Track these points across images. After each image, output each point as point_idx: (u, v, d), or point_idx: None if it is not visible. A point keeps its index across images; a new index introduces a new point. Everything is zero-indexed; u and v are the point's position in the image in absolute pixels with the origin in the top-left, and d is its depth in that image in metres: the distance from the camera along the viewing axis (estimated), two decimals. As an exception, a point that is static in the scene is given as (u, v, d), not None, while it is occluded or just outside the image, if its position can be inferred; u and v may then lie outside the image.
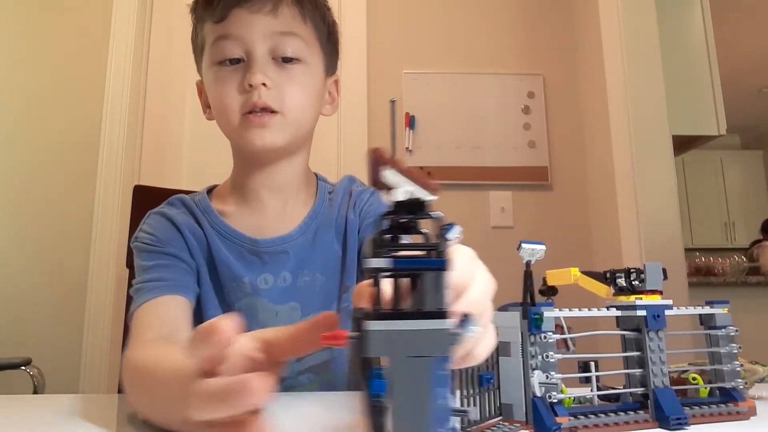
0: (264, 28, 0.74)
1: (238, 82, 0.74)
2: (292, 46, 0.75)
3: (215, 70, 0.76)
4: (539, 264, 0.48)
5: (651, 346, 0.47)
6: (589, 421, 0.45)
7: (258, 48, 0.74)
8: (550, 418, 0.42)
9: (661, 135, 1.85)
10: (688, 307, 0.51)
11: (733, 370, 0.51)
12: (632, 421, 0.46)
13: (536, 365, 0.44)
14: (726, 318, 0.52)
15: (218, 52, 0.75)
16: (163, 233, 0.79)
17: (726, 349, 0.51)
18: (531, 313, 0.44)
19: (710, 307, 0.52)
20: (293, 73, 0.76)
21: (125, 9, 2.12)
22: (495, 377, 0.45)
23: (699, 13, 2.27)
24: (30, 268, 1.97)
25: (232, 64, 0.75)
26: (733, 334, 0.52)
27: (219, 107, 0.77)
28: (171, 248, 0.77)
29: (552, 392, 0.44)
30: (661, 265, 0.49)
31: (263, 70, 0.73)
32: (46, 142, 2.07)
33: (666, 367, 0.47)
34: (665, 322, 0.47)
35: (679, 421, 0.45)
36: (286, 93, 0.75)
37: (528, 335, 0.44)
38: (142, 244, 0.78)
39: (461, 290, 0.33)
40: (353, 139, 2.08)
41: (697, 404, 0.49)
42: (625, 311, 0.48)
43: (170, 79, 2.14)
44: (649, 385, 0.46)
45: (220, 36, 0.75)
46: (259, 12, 0.73)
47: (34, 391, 1.42)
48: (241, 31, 0.73)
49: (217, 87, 0.76)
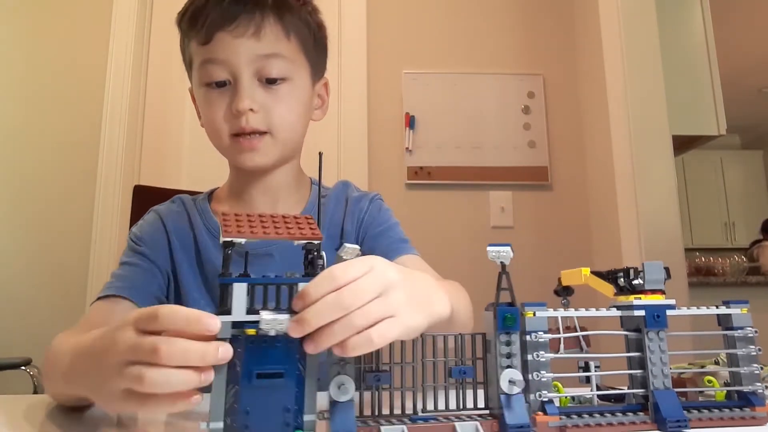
0: (248, 52, 0.75)
1: (226, 104, 0.77)
2: (277, 67, 0.77)
3: (204, 91, 0.79)
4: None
5: (651, 347, 0.46)
6: (582, 420, 0.44)
7: (243, 72, 0.75)
8: (512, 415, 0.43)
9: (661, 135, 1.85)
10: (700, 307, 0.48)
11: (752, 373, 0.48)
12: (628, 423, 0.45)
13: (508, 364, 0.44)
14: (744, 318, 0.49)
15: (205, 74, 0.77)
16: (147, 232, 0.84)
17: (744, 351, 0.48)
18: (500, 313, 0.45)
19: (726, 307, 0.50)
20: (279, 94, 0.78)
21: (125, 9, 2.12)
22: (476, 372, 0.46)
23: (699, 13, 2.27)
24: (30, 268, 1.97)
25: (219, 86, 0.77)
26: (751, 335, 0.49)
27: (210, 128, 0.80)
28: (146, 248, 0.82)
29: (543, 391, 0.44)
30: (662, 264, 0.48)
31: (250, 94, 0.75)
32: (46, 142, 2.07)
33: (667, 368, 0.46)
34: (666, 322, 0.46)
35: (678, 424, 0.44)
36: (274, 114, 0.77)
37: (497, 334, 0.45)
38: (128, 239, 0.85)
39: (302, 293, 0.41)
40: (353, 139, 2.08)
41: (707, 407, 0.47)
42: (625, 311, 0.48)
43: (170, 79, 2.14)
44: (648, 386, 0.46)
45: (206, 60, 0.76)
46: (242, 36, 0.75)
47: (34, 391, 1.42)
48: (226, 56, 0.75)
49: (206, 108, 0.79)
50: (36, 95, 2.10)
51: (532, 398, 0.45)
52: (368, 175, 2.06)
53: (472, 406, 0.46)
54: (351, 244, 0.45)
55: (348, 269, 0.43)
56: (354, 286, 0.42)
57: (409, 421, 0.43)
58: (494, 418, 0.44)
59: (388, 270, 0.46)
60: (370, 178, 2.05)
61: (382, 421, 0.43)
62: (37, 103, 2.09)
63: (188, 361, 0.38)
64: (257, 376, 0.40)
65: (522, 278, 2.13)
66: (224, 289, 0.41)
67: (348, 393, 0.41)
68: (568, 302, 0.53)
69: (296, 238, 0.43)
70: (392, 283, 0.45)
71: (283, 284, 0.42)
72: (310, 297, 0.40)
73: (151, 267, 0.81)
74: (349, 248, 0.45)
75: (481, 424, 0.43)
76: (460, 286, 0.74)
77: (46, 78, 2.12)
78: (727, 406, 0.47)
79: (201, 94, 0.80)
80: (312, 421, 0.41)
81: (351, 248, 0.45)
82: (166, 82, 2.14)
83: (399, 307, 0.44)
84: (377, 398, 0.45)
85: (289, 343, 0.40)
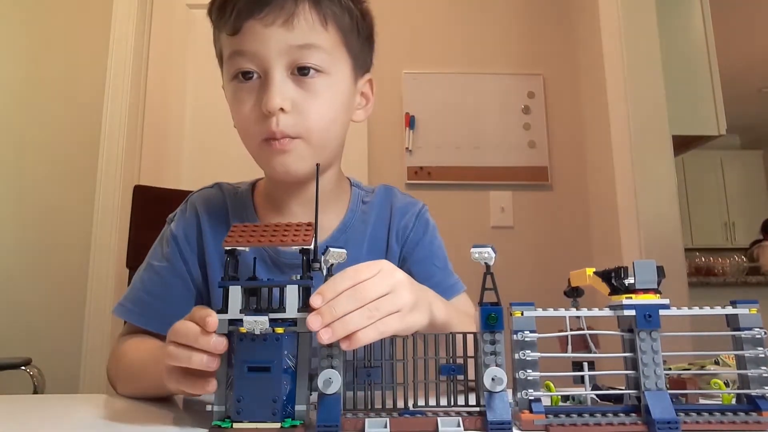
0: (279, 42, 0.67)
1: (255, 102, 0.69)
2: (312, 59, 0.69)
3: (233, 86, 0.72)
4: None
5: (642, 347, 0.45)
6: (569, 420, 0.44)
7: (274, 65, 0.68)
8: (493, 413, 0.44)
9: (661, 135, 1.85)
10: (703, 307, 0.47)
11: (760, 376, 0.46)
12: (617, 423, 0.44)
13: (492, 362, 0.45)
14: (753, 319, 0.47)
15: (234, 67, 0.70)
16: (181, 227, 0.80)
17: (752, 353, 0.46)
18: (483, 313, 0.46)
19: (733, 307, 0.47)
20: (315, 88, 0.70)
21: (125, 9, 2.12)
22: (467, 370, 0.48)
23: (699, 13, 2.27)
24: (30, 269, 1.97)
25: (247, 79, 0.70)
26: (759, 336, 0.46)
27: (239, 127, 0.73)
28: (175, 252, 0.78)
29: (529, 389, 0.45)
30: (655, 263, 0.47)
31: (281, 90, 0.67)
32: (47, 142, 2.07)
33: (661, 368, 0.45)
34: (659, 323, 0.46)
35: (669, 426, 0.43)
36: (308, 113, 0.69)
37: (482, 333, 0.46)
38: (164, 235, 0.81)
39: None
40: (353, 139, 2.07)
41: (709, 411, 0.45)
42: (617, 312, 0.47)
43: (170, 79, 2.14)
44: (640, 387, 0.45)
45: (234, 51, 0.70)
46: (272, 24, 0.67)
47: (34, 391, 1.42)
48: (255, 47, 0.68)
49: (236, 106, 0.72)
50: (36, 95, 2.10)
51: (519, 397, 0.45)
52: (368, 175, 2.06)
53: (463, 403, 0.47)
54: (336, 249, 0.48)
55: (360, 270, 0.50)
56: (367, 284, 0.49)
57: (397, 415, 0.45)
58: (482, 415, 0.45)
59: (395, 272, 0.53)
60: (370, 178, 2.05)
61: (369, 414, 0.45)
62: (38, 103, 2.10)
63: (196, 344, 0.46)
64: (248, 369, 0.45)
65: (522, 278, 2.13)
66: (224, 291, 0.47)
67: (334, 386, 0.44)
68: (578, 303, 0.53)
69: (287, 244, 0.48)
70: (400, 283, 0.52)
71: (274, 287, 0.48)
72: (327, 294, 0.46)
73: (175, 279, 0.78)
74: (335, 252, 0.48)
75: (464, 419, 0.44)
76: (468, 314, 0.74)
77: (47, 78, 2.12)
78: (731, 410, 0.45)
79: (230, 89, 0.72)
80: (303, 411, 0.45)
81: (336, 252, 0.48)
82: (166, 82, 2.15)
83: (404, 305, 0.51)
84: (370, 394, 0.47)
85: (277, 340, 0.45)
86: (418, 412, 0.46)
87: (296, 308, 0.46)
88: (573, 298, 0.54)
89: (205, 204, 0.82)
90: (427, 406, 0.47)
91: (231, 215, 0.81)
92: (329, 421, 0.43)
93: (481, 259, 0.47)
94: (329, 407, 0.44)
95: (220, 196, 0.83)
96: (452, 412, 0.46)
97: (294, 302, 0.46)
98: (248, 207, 0.81)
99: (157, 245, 0.82)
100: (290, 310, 0.46)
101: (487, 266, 0.47)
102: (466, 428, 0.44)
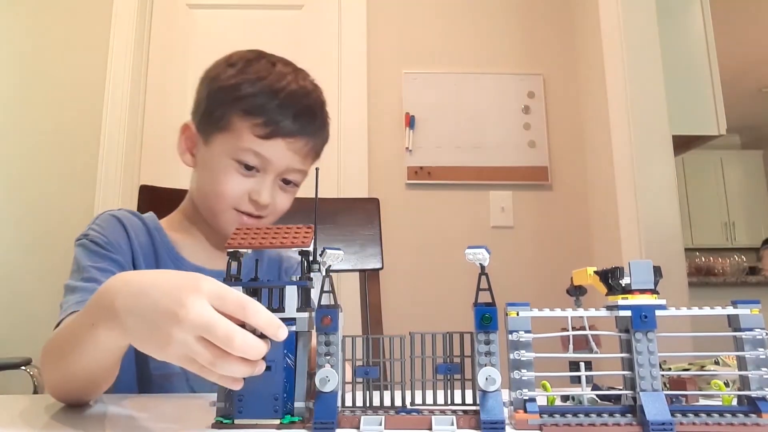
0: (288, 161, 0.83)
1: (245, 185, 0.82)
2: (296, 177, 0.87)
3: (229, 163, 0.82)
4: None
5: (638, 348, 0.45)
6: (563, 420, 0.44)
7: (273, 171, 0.83)
8: (487, 412, 0.44)
9: (661, 135, 1.85)
10: (703, 307, 0.46)
11: (761, 377, 0.45)
12: (612, 423, 0.44)
13: (486, 362, 0.45)
14: (754, 319, 0.46)
15: (244, 157, 0.81)
16: (111, 235, 0.83)
17: (752, 354, 0.45)
18: (478, 313, 0.46)
19: (734, 307, 0.47)
20: (289, 193, 0.88)
21: (125, 9, 2.12)
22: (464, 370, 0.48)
23: (699, 13, 2.27)
24: (30, 268, 1.97)
25: (248, 170, 0.82)
26: (761, 337, 0.45)
27: (211, 190, 0.84)
28: (116, 254, 0.82)
29: (524, 389, 0.45)
30: (651, 263, 0.46)
31: (271, 193, 0.83)
32: (47, 142, 2.07)
33: (657, 369, 0.45)
34: (655, 323, 0.45)
35: (663, 427, 0.43)
36: (277, 208, 0.86)
37: (476, 334, 0.46)
38: (91, 242, 0.82)
39: None
40: (353, 139, 2.08)
41: (707, 411, 0.45)
42: (613, 312, 0.47)
43: (170, 79, 2.14)
44: (636, 388, 0.45)
45: (254, 150, 0.81)
46: (291, 149, 0.82)
47: (34, 391, 1.42)
48: (271, 157, 0.81)
49: (222, 175, 0.82)
50: (36, 95, 2.11)
51: (514, 396, 0.45)
52: (368, 175, 2.06)
53: (460, 402, 0.48)
54: (333, 250, 0.49)
55: None
56: None
57: (393, 412, 0.46)
58: (477, 414, 0.45)
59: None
60: (370, 178, 2.05)
61: (366, 411, 0.46)
62: (38, 102, 2.10)
63: (249, 355, 0.43)
64: None
65: (522, 278, 2.13)
66: None
67: (331, 385, 0.45)
68: (581, 302, 0.53)
69: (286, 246, 0.49)
70: None
71: (274, 287, 0.49)
72: None
73: (113, 265, 0.81)
74: (332, 253, 0.49)
75: (458, 418, 0.45)
76: None
77: (47, 78, 2.12)
78: (730, 411, 0.45)
79: (222, 162, 0.82)
80: (302, 408, 0.47)
81: (334, 254, 0.49)
82: (166, 82, 2.15)
83: None
84: (368, 391, 0.48)
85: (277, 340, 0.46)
86: (414, 410, 0.46)
87: (295, 308, 0.47)
88: (576, 297, 0.54)
89: (130, 223, 0.87)
90: (423, 405, 0.47)
91: (153, 237, 0.87)
92: (326, 418, 0.44)
93: (475, 260, 0.47)
94: (326, 404, 0.45)
95: (137, 219, 0.89)
96: (448, 410, 0.46)
97: (293, 302, 0.48)
98: (160, 229, 0.89)
99: (81, 258, 0.82)
100: (289, 310, 0.47)
101: (482, 267, 0.47)
102: (460, 427, 0.44)
